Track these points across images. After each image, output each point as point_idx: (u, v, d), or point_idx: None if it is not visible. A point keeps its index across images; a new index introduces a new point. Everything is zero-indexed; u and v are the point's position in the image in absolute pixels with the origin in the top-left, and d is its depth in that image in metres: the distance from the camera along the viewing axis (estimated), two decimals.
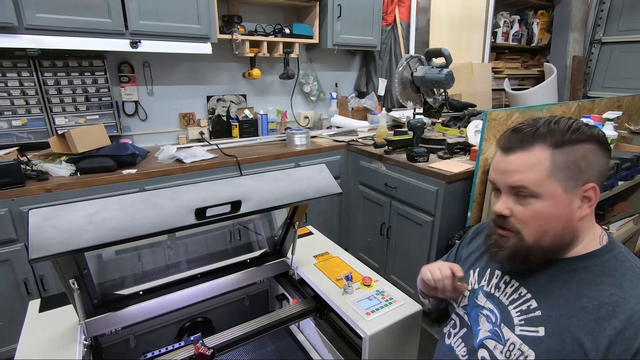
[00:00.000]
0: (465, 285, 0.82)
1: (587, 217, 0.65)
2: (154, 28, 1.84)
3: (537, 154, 0.63)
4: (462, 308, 0.81)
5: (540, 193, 0.63)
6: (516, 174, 0.64)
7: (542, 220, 0.64)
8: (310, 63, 2.77)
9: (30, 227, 0.65)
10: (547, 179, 0.62)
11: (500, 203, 0.68)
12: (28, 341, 0.94)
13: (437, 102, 2.18)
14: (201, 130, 2.38)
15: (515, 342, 0.66)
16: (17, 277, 1.59)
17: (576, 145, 0.62)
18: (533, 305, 0.66)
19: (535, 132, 0.64)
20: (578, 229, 0.65)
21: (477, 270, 0.82)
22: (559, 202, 0.63)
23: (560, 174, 0.62)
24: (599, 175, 0.64)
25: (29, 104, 1.84)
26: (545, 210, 0.63)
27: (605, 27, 3.50)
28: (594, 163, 0.63)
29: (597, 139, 0.63)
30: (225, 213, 0.83)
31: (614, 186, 1.73)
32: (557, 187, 0.62)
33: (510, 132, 0.67)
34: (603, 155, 0.64)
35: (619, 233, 2.09)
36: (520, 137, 0.65)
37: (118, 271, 1.11)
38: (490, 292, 0.75)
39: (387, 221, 2.15)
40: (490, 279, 0.77)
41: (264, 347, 1.32)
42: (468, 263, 0.86)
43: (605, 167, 0.64)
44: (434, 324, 2.00)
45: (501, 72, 3.64)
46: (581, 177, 0.62)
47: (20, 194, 1.52)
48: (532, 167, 0.63)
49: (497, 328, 0.70)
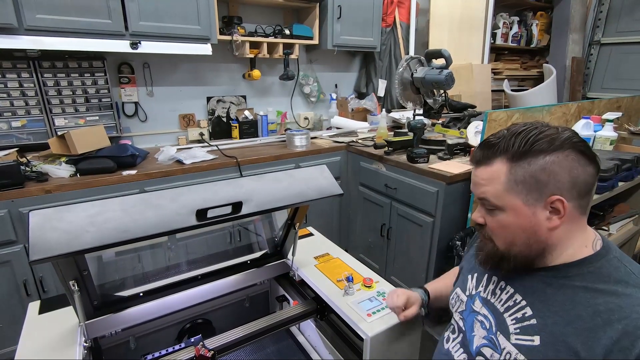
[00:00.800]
0: (413, 314, 0.94)
1: (563, 226, 0.63)
2: (154, 29, 1.84)
3: (495, 167, 0.65)
4: (459, 314, 0.81)
5: (500, 206, 0.65)
6: (480, 187, 0.68)
7: (507, 231, 0.67)
8: (310, 64, 2.77)
9: (31, 229, 0.64)
10: (505, 192, 0.64)
11: (476, 212, 0.73)
12: (28, 343, 0.93)
13: (437, 103, 2.18)
14: (201, 131, 2.38)
15: (512, 351, 0.65)
16: (16, 279, 1.58)
17: (535, 157, 0.62)
18: (528, 313, 0.66)
19: (497, 146, 0.65)
20: (549, 239, 0.64)
21: (475, 275, 0.81)
22: (520, 213, 0.64)
23: (519, 187, 0.63)
24: (571, 186, 0.61)
25: (28, 105, 1.83)
26: (508, 222, 0.66)
27: (604, 28, 3.52)
28: (560, 174, 0.61)
29: (567, 148, 0.61)
30: (227, 214, 0.83)
31: (614, 187, 1.73)
32: (517, 200, 0.64)
33: (480, 145, 0.69)
34: (579, 164, 0.61)
35: (618, 234, 2.09)
36: (484, 152, 0.67)
37: (118, 273, 1.11)
38: (486, 298, 0.75)
39: (387, 222, 2.15)
40: (487, 285, 0.76)
41: (264, 348, 1.32)
42: (467, 267, 0.86)
43: (582, 176, 0.61)
44: (434, 325, 2.00)
45: (501, 73, 3.64)
46: (544, 189, 0.62)
47: (20, 195, 1.51)
48: (491, 180, 0.66)
49: (493, 336, 0.69)
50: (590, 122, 1.93)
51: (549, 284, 0.66)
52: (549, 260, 0.67)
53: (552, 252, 0.66)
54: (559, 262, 0.66)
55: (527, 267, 0.68)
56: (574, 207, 0.63)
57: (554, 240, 0.65)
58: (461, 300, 0.81)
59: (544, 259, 0.67)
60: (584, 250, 0.65)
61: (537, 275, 0.68)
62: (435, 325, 2.00)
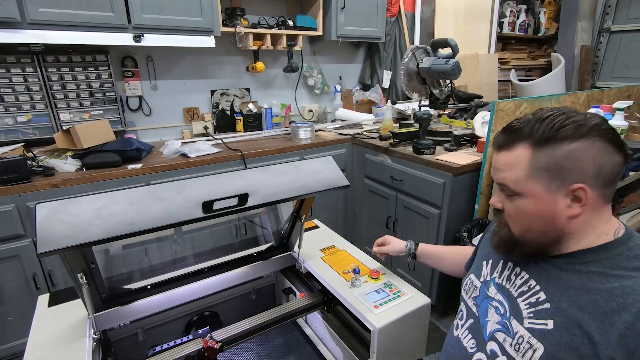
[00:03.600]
0: (384, 251, 1.13)
1: (583, 215, 0.62)
2: (156, 21, 1.83)
3: (518, 153, 0.64)
4: (472, 299, 0.80)
5: (520, 192, 0.65)
6: (500, 172, 0.67)
7: (524, 217, 0.66)
8: (314, 56, 2.75)
9: (38, 222, 0.64)
10: (526, 179, 0.63)
11: (495, 197, 0.72)
12: (38, 335, 0.95)
13: (444, 94, 2.14)
14: (205, 124, 2.37)
15: (524, 335, 0.65)
16: (26, 273, 1.60)
17: (560, 144, 0.60)
18: (542, 298, 0.65)
19: (520, 131, 0.64)
20: (567, 227, 0.63)
21: (491, 262, 0.81)
22: (540, 201, 0.63)
23: (541, 174, 0.62)
24: (596, 175, 0.60)
25: (33, 100, 1.84)
26: (526, 208, 0.65)
27: (614, 16, 3.43)
28: (584, 162, 0.59)
29: (595, 135, 0.59)
30: (232, 206, 0.82)
31: (625, 177, 1.70)
32: (538, 187, 0.63)
33: (502, 129, 0.68)
34: (606, 152, 0.60)
35: (629, 224, 2.05)
36: (506, 136, 0.66)
37: (126, 265, 1.12)
38: (501, 284, 0.74)
39: (393, 214, 2.14)
40: (503, 271, 0.76)
41: (271, 340, 1.33)
42: (482, 253, 0.86)
43: (608, 164, 0.60)
44: (441, 317, 2.00)
45: (507, 62, 3.58)
46: (567, 177, 0.60)
47: (27, 189, 1.52)
48: (512, 166, 0.65)
49: (507, 320, 0.69)
50: (600, 111, 1.89)
51: (564, 270, 0.65)
52: (565, 248, 0.66)
53: (569, 240, 0.65)
54: (575, 249, 0.65)
55: (540, 254, 0.68)
56: (597, 195, 0.62)
57: (571, 229, 0.64)
58: (475, 286, 0.81)
59: (558, 246, 0.66)
60: (604, 237, 0.64)
61: (553, 261, 0.67)
62: (442, 317, 2.00)
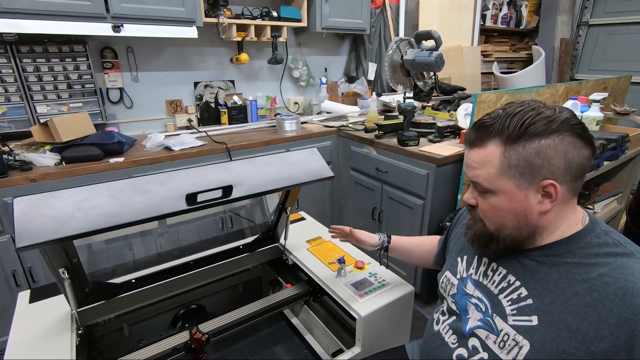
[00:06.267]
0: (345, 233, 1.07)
1: (554, 209, 0.63)
2: (136, 11, 1.77)
3: (489, 151, 0.64)
4: (451, 297, 0.80)
5: (492, 189, 0.65)
6: (473, 170, 0.67)
7: (498, 214, 0.66)
8: (299, 47, 2.72)
9: (16, 215, 0.63)
10: (498, 176, 0.63)
11: (468, 193, 0.72)
12: (19, 332, 0.93)
13: (427, 86, 2.16)
14: (189, 117, 2.33)
15: (509, 332, 0.65)
16: (4, 269, 1.56)
17: (530, 141, 0.60)
18: (523, 294, 0.65)
19: (491, 127, 0.63)
20: (540, 222, 0.64)
21: (465, 257, 0.81)
22: (512, 198, 0.63)
23: (511, 171, 0.62)
24: (565, 170, 0.60)
25: (8, 92, 1.77)
26: (499, 205, 0.65)
27: (592, 9, 3.52)
28: (555, 158, 0.59)
29: (564, 131, 0.59)
30: (217, 198, 0.82)
31: (600, 166, 1.76)
32: (509, 184, 0.63)
33: (473, 125, 0.68)
34: (575, 147, 0.60)
35: (603, 212, 2.14)
36: (477, 133, 0.66)
37: (109, 260, 1.10)
38: (478, 281, 0.74)
39: (378, 205, 2.16)
40: (478, 267, 0.76)
41: (258, 331, 1.34)
42: (456, 249, 0.85)
43: (577, 159, 0.60)
44: (425, 304, 2.05)
45: (490, 55, 3.64)
46: (537, 174, 0.61)
47: (4, 184, 1.47)
48: (484, 164, 0.64)
49: (489, 318, 0.69)
50: (577, 103, 1.95)
51: (541, 263, 0.66)
52: (539, 241, 0.67)
53: (542, 233, 0.66)
54: (549, 242, 0.66)
55: (516, 249, 0.69)
56: (566, 190, 0.62)
57: (544, 223, 0.65)
58: (452, 284, 0.80)
59: (533, 240, 0.67)
60: (574, 227, 0.65)
61: (528, 255, 0.68)
62: (426, 305, 2.05)
